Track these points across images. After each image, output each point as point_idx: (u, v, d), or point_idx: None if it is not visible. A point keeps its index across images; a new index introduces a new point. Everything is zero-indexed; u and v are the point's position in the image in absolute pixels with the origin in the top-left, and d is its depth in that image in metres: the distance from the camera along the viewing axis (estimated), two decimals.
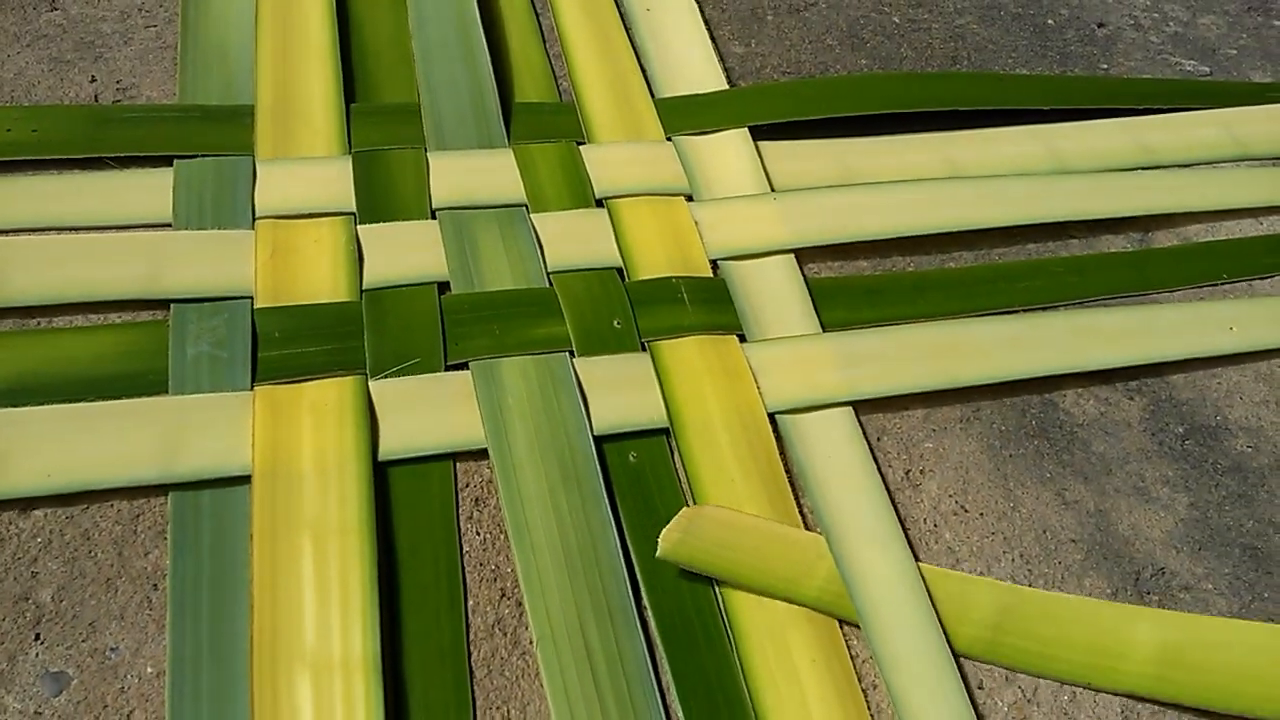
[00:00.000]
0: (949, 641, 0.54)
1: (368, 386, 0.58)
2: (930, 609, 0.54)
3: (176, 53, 0.75)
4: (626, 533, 0.55)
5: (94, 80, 0.74)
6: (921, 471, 0.62)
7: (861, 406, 0.63)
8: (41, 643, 0.50)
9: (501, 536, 0.56)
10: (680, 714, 0.50)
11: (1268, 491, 0.64)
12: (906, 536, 0.58)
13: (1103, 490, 0.63)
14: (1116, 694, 0.54)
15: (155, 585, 0.52)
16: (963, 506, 0.61)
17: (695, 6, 0.84)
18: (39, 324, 0.60)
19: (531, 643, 0.52)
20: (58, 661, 0.49)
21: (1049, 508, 0.61)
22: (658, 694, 0.51)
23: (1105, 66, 0.90)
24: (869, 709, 0.52)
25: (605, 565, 0.54)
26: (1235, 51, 0.93)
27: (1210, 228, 0.78)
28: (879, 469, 0.60)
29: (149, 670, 0.49)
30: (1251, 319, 0.71)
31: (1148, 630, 0.55)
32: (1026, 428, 0.65)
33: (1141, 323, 0.69)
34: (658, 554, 0.53)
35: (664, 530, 0.53)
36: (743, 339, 0.65)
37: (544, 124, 0.74)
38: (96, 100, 0.72)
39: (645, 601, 0.54)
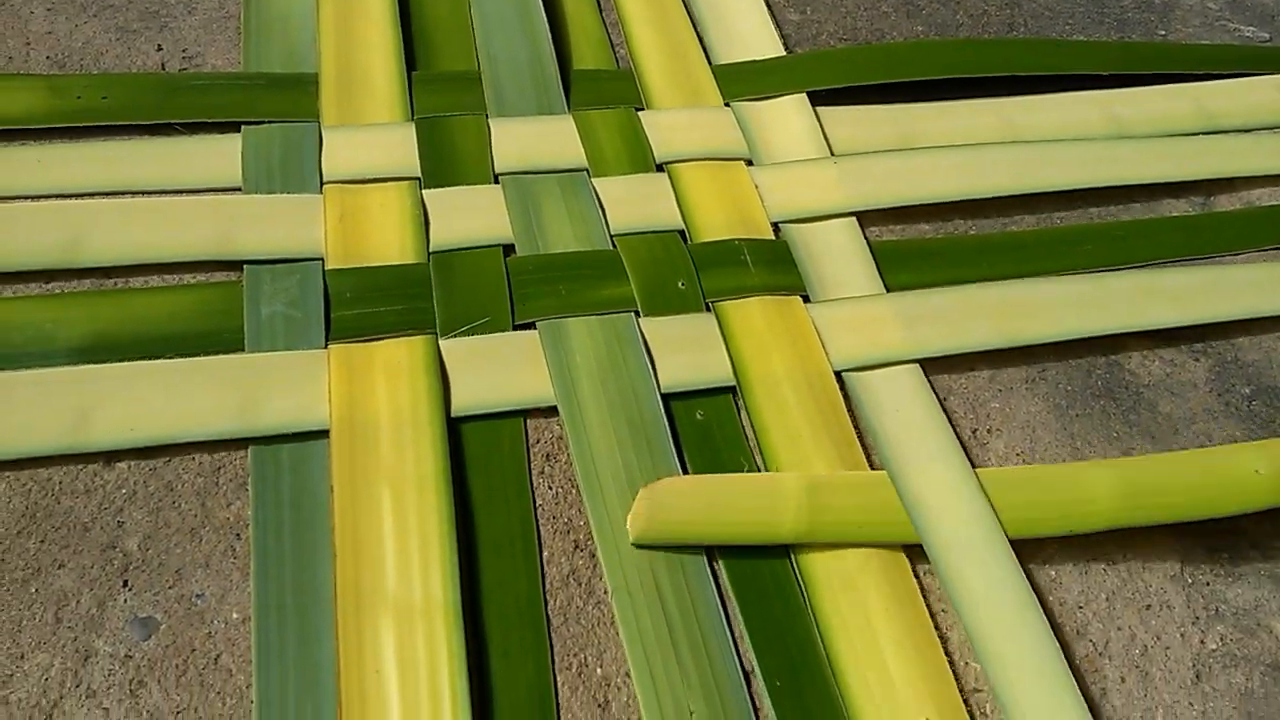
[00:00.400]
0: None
1: (438, 345, 0.59)
2: (1005, 542, 0.55)
3: (239, 21, 0.77)
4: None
5: (160, 49, 0.75)
6: (989, 430, 0.62)
7: (928, 368, 0.63)
8: (130, 589, 0.51)
9: (573, 491, 0.56)
10: (755, 661, 0.51)
11: None
12: None
13: (1170, 449, 0.62)
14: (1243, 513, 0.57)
15: (238, 535, 0.53)
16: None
17: None
18: (115, 284, 0.61)
19: (606, 593, 0.52)
20: (146, 607, 0.50)
21: None
22: (732, 643, 0.51)
23: (1163, 33, 0.89)
24: (946, 653, 0.52)
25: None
26: None
27: (1273, 192, 0.77)
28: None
29: (234, 616, 0.50)
30: None
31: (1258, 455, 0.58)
32: (1092, 388, 0.65)
33: (1206, 283, 0.69)
34: (631, 540, 0.53)
35: (629, 516, 0.53)
36: (806, 300, 0.65)
37: (602, 91, 0.75)
38: (164, 68, 0.73)
39: (715, 552, 0.54)
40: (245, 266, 0.61)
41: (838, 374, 0.62)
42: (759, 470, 0.57)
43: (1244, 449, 0.59)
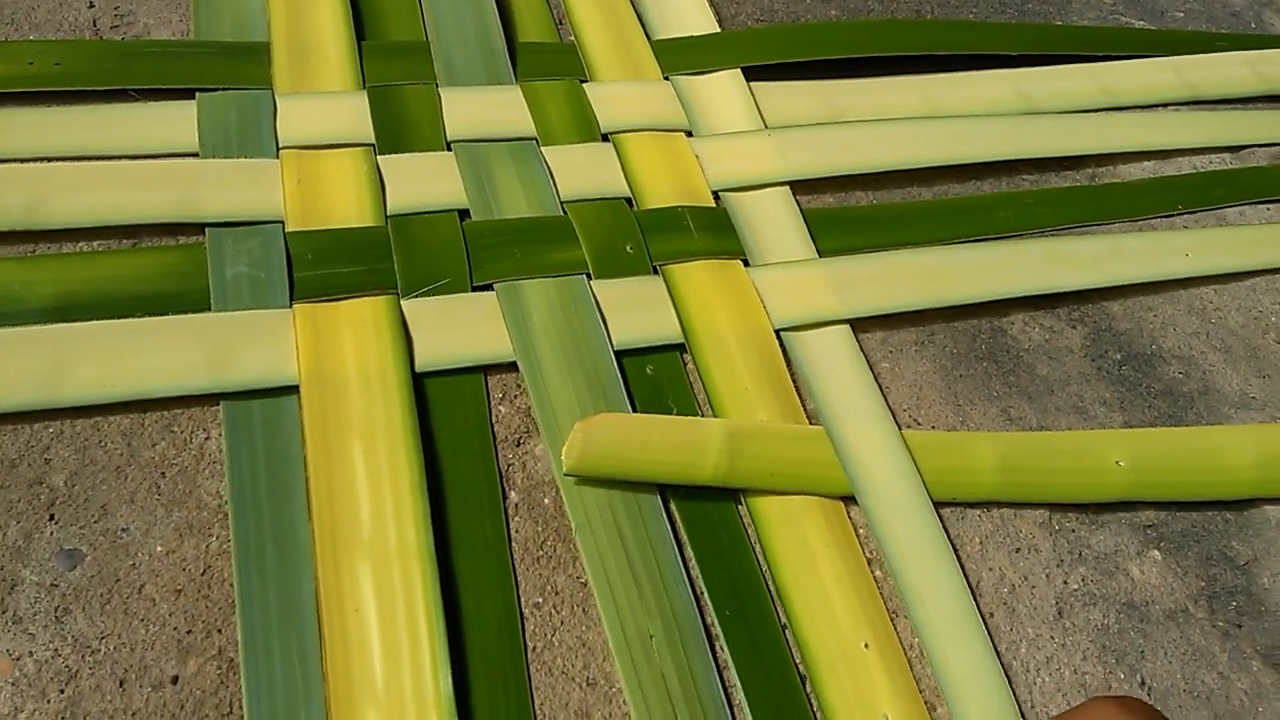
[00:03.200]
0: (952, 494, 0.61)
1: (400, 305, 0.61)
2: (919, 479, 0.60)
3: None
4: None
5: (92, 6, 0.75)
6: (880, 389, 0.66)
7: None
8: (56, 523, 0.53)
9: (532, 439, 0.60)
10: (705, 591, 0.55)
11: (1195, 414, 0.70)
12: None
13: (1045, 409, 0.68)
14: (1099, 503, 0.63)
15: (163, 473, 0.55)
16: (915, 420, 0.66)
17: None
18: (80, 248, 0.62)
19: (570, 530, 0.56)
20: (72, 540, 0.52)
21: (995, 423, 0.66)
22: (685, 576, 0.55)
23: (1060, 23, 0.95)
24: (876, 586, 0.57)
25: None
26: (1182, 14, 0.99)
27: (1160, 164, 0.84)
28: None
29: (159, 549, 0.53)
30: (1205, 247, 0.77)
31: (1122, 447, 0.64)
32: (976, 351, 0.70)
33: (1106, 250, 0.75)
34: (564, 470, 0.56)
35: (564, 448, 0.56)
36: (746, 264, 0.69)
37: (547, 63, 0.78)
38: (94, 25, 0.74)
39: (669, 494, 0.58)
40: (207, 229, 0.63)
41: (777, 333, 0.66)
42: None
43: (1111, 438, 0.65)
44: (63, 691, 0.48)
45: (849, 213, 0.75)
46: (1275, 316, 0.76)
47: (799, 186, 0.75)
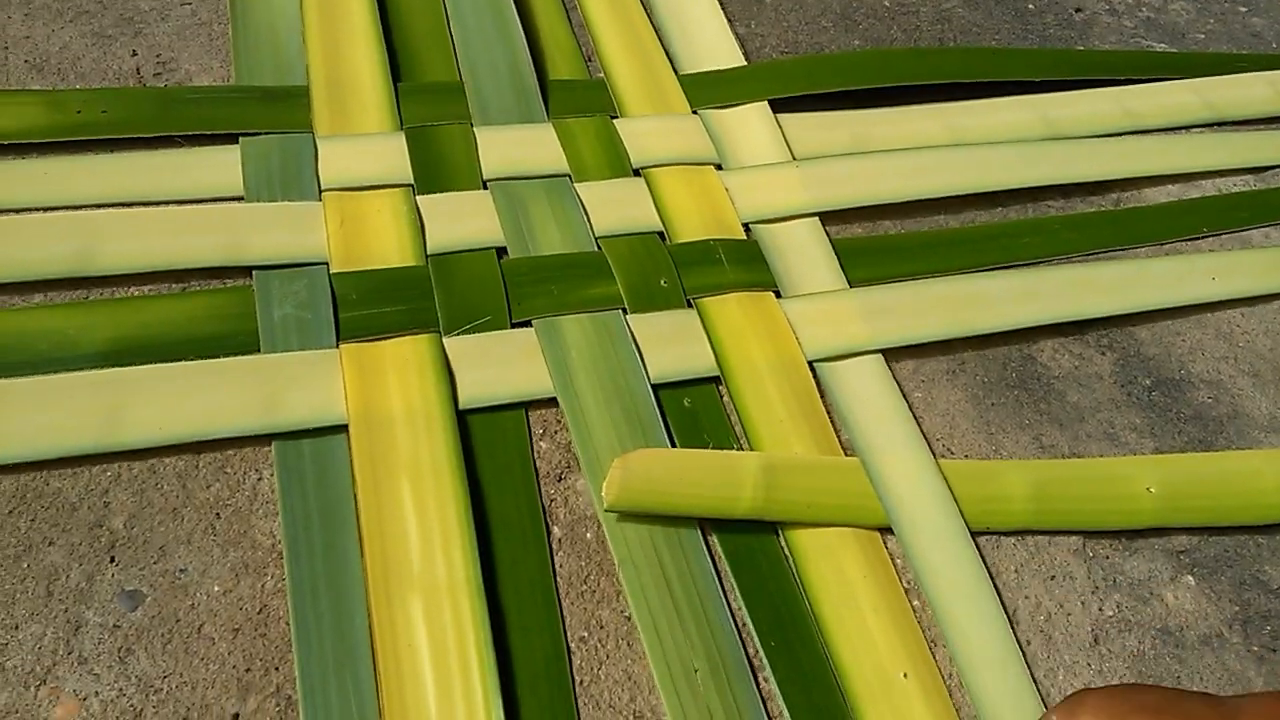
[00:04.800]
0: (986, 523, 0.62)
1: (442, 343, 0.63)
2: (955, 508, 0.61)
3: (211, 29, 0.80)
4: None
5: (135, 54, 0.77)
6: (914, 418, 0.67)
7: None
8: (117, 564, 0.54)
9: (574, 474, 0.61)
10: (750, 624, 0.56)
11: (1225, 438, 0.70)
12: None
13: (1076, 436, 0.69)
14: (1131, 529, 0.64)
15: (217, 514, 0.57)
16: (949, 450, 0.67)
17: None
18: (131, 292, 0.64)
19: (612, 565, 0.57)
20: (132, 581, 0.54)
21: (1027, 451, 0.67)
22: (728, 609, 0.56)
23: (1081, 49, 0.96)
24: (914, 615, 0.58)
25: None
26: (1203, 36, 1.00)
27: (1184, 188, 0.85)
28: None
29: (216, 589, 0.54)
30: (1231, 270, 0.78)
31: (1152, 473, 0.65)
32: (1007, 379, 0.71)
33: (1133, 275, 0.76)
34: (604, 507, 0.57)
35: (604, 484, 0.58)
36: (778, 295, 0.70)
37: (578, 99, 0.79)
38: (139, 73, 0.76)
39: (709, 528, 0.59)
40: (255, 272, 0.64)
41: (810, 364, 0.67)
42: (744, 450, 0.63)
43: (1141, 464, 0.65)
44: None
45: (878, 242, 0.76)
46: None
47: (828, 217, 0.76)
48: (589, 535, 0.59)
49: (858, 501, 0.61)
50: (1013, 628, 0.59)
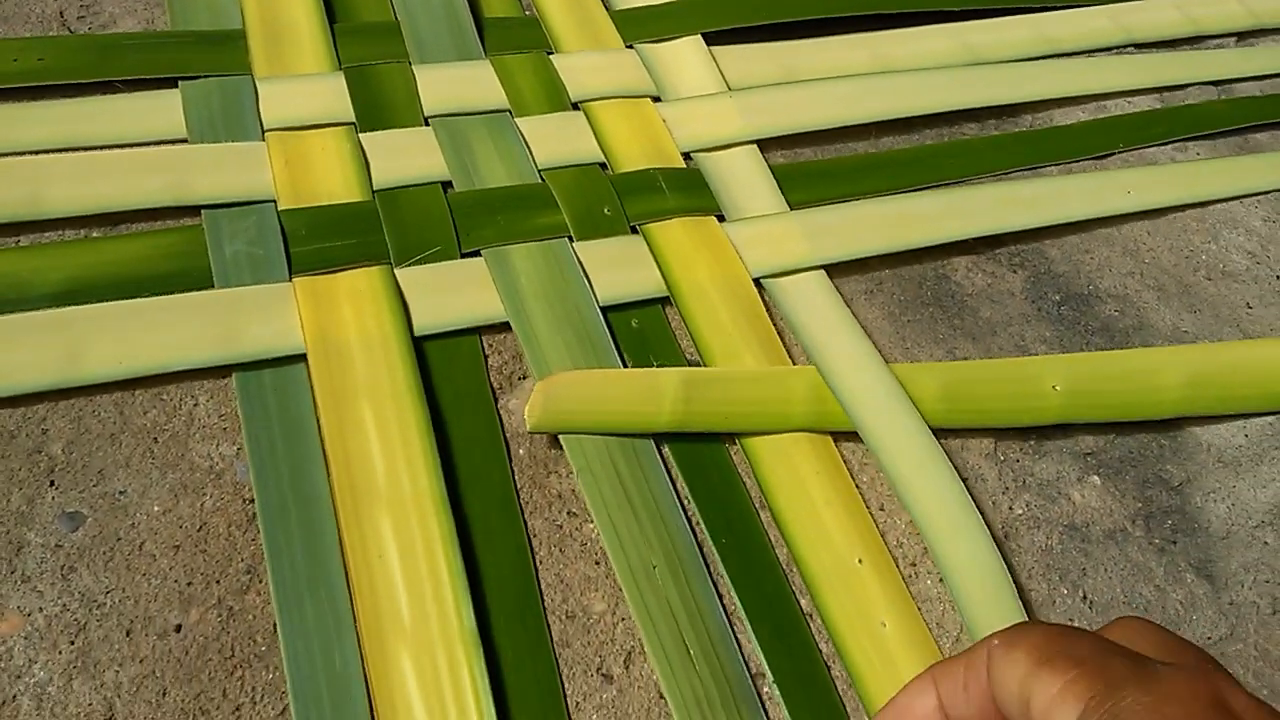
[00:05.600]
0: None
1: (394, 274, 0.65)
2: (910, 404, 0.64)
3: None
4: None
5: None
6: (858, 322, 0.70)
7: None
8: (56, 488, 0.56)
9: (508, 396, 0.63)
10: (702, 524, 0.59)
11: (1131, 349, 0.74)
12: None
13: (988, 349, 0.72)
14: (1039, 425, 0.67)
15: (155, 439, 0.58)
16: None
17: None
18: (80, 234, 0.64)
19: (569, 474, 0.60)
20: (72, 503, 0.56)
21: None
22: (682, 511, 0.59)
23: None
24: (867, 509, 0.61)
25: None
26: None
27: (1095, 109, 0.89)
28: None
29: (155, 509, 0.56)
30: (1143, 184, 0.82)
31: (1057, 371, 0.68)
32: (923, 297, 0.75)
33: (1053, 191, 0.80)
34: (527, 429, 0.60)
35: (526, 407, 0.60)
36: (721, 219, 0.73)
37: (513, 37, 0.81)
38: (62, 16, 0.76)
39: (662, 439, 0.62)
40: (203, 211, 0.65)
41: (756, 281, 0.70)
42: (697, 364, 0.65)
43: (1047, 363, 0.69)
44: (73, 643, 0.51)
45: (813, 166, 0.79)
46: (1205, 255, 0.82)
47: (764, 144, 0.79)
48: (521, 451, 0.61)
49: (775, 408, 0.63)
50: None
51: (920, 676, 0.36)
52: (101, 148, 0.67)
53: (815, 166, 0.79)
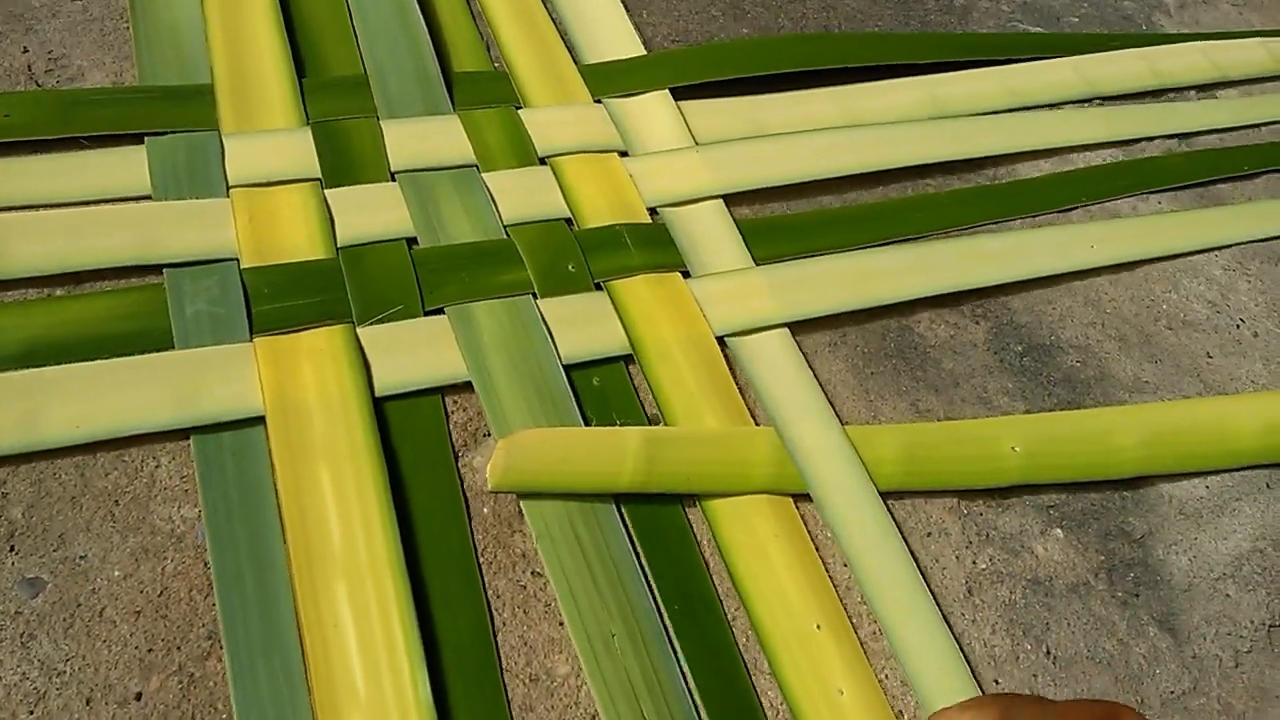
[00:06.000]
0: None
1: (356, 333, 0.64)
2: (864, 470, 0.64)
3: (103, 24, 0.80)
4: None
5: (26, 51, 0.77)
6: (819, 384, 0.71)
7: None
8: (16, 553, 0.56)
9: (472, 454, 0.63)
10: (659, 597, 0.59)
11: (1093, 399, 0.75)
12: None
13: (951, 401, 0.73)
14: (1000, 487, 0.68)
15: (116, 501, 0.58)
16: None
17: None
18: (42, 294, 0.64)
19: (529, 539, 0.60)
20: (33, 569, 0.55)
21: (904, 416, 0.71)
22: (643, 579, 0.59)
23: (965, 33, 1.00)
24: (826, 571, 0.61)
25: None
26: (1077, 19, 1.05)
27: (1058, 162, 0.89)
28: None
29: (116, 573, 0.56)
30: (1107, 238, 0.83)
31: (1016, 433, 0.69)
32: (886, 349, 0.75)
33: (1017, 245, 0.80)
34: (489, 488, 0.60)
35: (488, 465, 0.60)
36: (686, 275, 0.73)
37: (482, 91, 0.81)
38: (29, 70, 0.76)
39: (621, 502, 0.62)
40: (165, 270, 0.65)
41: (719, 339, 0.70)
42: (657, 424, 0.65)
43: (1005, 425, 0.69)
44: (32, 712, 0.51)
45: (779, 221, 0.79)
46: (1165, 304, 0.82)
47: (731, 199, 0.79)
48: (485, 510, 0.61)
49: (737, 469, 0.63)
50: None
51: None
52: (66, 205, 0.67)
53: (781, 221, 0.79)
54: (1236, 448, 0.72)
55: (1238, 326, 0.82)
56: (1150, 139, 0.92)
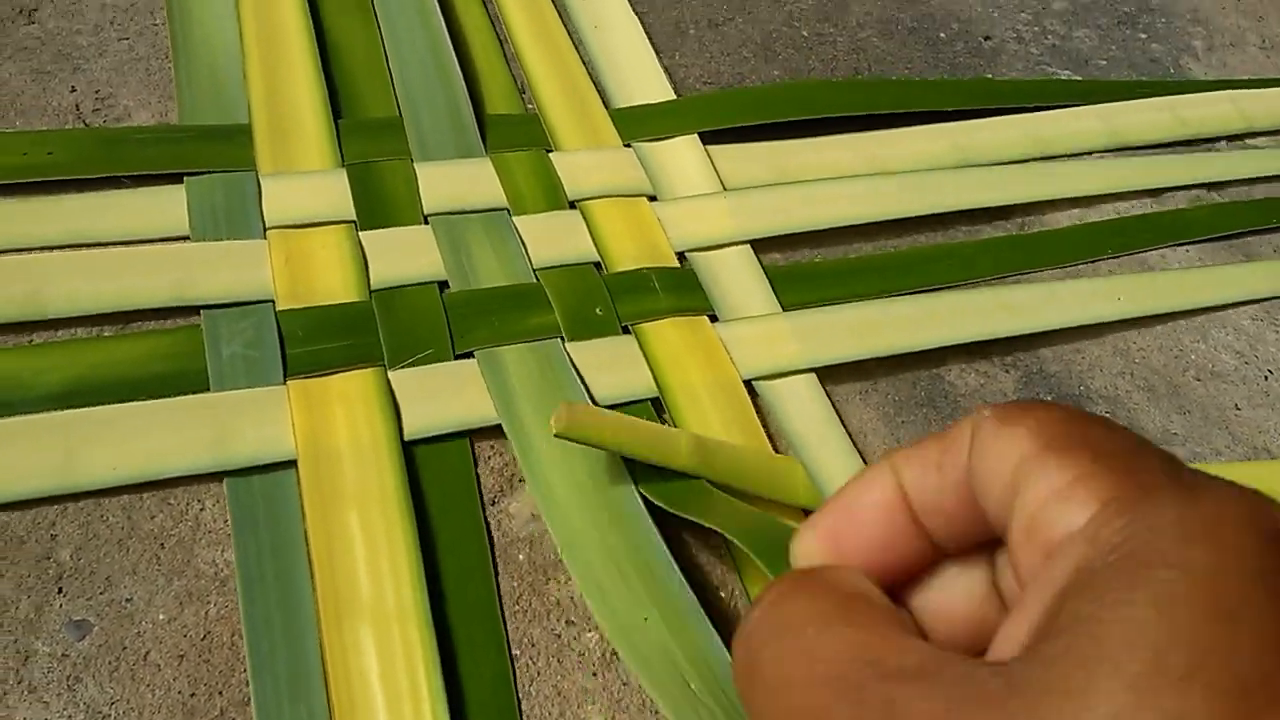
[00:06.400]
0: None
1: (387, 376, 0.65)
2: None
3: (149, 64, 0.81)
4: (638, 477, 0.63)
5: (74, 90, 0.79)
6: (844, 427, 0.71)
7: None
8: (64, 595, 0.57)
9: (508, 500, 0.64)
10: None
11: None
12: None
13: None
14: None
15: (162, 544, 0.59)
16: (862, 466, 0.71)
17: (638, 23, 0.92)
18: (78, 334, 0.65)
19: (570, 580, 0.60)
20: (80, 611, 0.56)
21: None
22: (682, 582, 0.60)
23: (990, 76, 1.01)
24: None
25: (619, 505, 0.62)
26: (1105, 62, 1.06)
27: (1086, 211, 0.90)
28: None
29: (161, 617, 0.56)
30: (1135, 290, 0.83)
31: None
32: (916, 398, 0.75)
33: (1045, 296, 0.81)
34: (554, 432, 0.59)
35: (551, 419, 0.59)
36: (714, 319, 0.74)
37: (514, 134, 0.82)
38: (78, 109, 0.78)
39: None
40: (202, 311, 0.66)
41: (746, 383, 0.71)
42: None
43: None
44: None
45: (805, 268, 0.80)
46: (1194, 355, 0.82)
47: (758, 244, 0.80)
48: (520, 557, 0.62)
49: (779, 480, 0.65)
50: None
51: (875, 464, 0.28)
52: (106, 244, 0.68)
53: (809, 268, 0.80)
54: None
55: (1266, 378, 0.82)
56: (1181, 188, 0.93)
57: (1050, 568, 0.21)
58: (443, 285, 0.72)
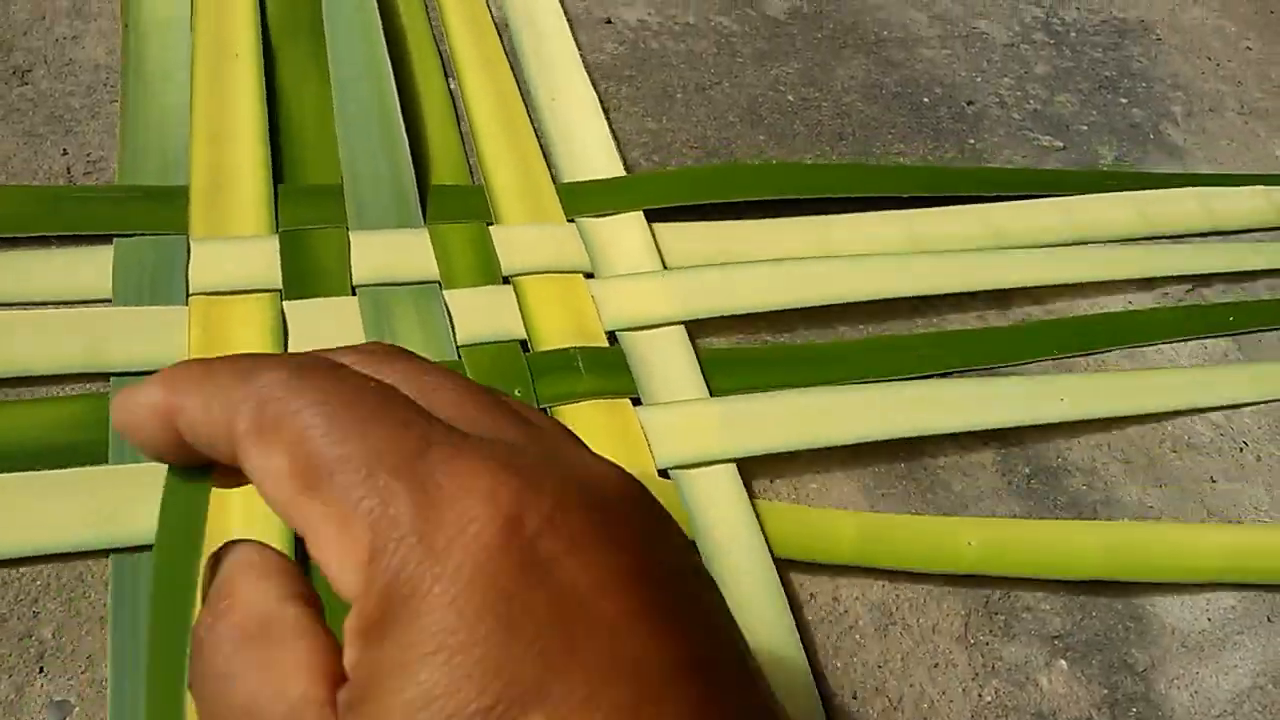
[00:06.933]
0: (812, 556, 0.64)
1: None
2: (792, 621, 0.64)
3: None
4: None
5: (65, 153, 0.79)
6: (759, 521, 0.69)
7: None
8: (45, 675, 0.56)
9: None
10: None
11: (1102, 520, 0.75)
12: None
13: None
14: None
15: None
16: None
17: (595, 97, 0.92)
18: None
19: None
20: (61, 691, 0.56)
21: None
22: None
23: (973, 140, 1.00)
24: None
25: None
26: (1086, 127, 1.05)
27: (1048, 308, 0.88)
28: (773, 504, 0.71)
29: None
30: (1081, 391, 0.80)
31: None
32: (896, 470, 0.75)
33: (991, 392, 0.79)
34: None
35: None
36: (638, 403, 0.73)
37: (456, 205, 0.82)
38: (69, 172, 0.78)
39: None
40: (111, 379, 0.66)
41: (662, 471, 0.70)
42: None
43: (964, 524, 0.71)
44: None
45: (743, 352, 0.78)
46: (1171, 426, 0.81)
47: (695, 326, 0.79)
48: None
49: None
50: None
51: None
52: (27, 305, 0.68)
53: (748, 353, 0.78)
54: (1195, 565, 0.72)
55: (1241, 450, 0.80)
56: (1209, 276, 0.93)
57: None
58: None
